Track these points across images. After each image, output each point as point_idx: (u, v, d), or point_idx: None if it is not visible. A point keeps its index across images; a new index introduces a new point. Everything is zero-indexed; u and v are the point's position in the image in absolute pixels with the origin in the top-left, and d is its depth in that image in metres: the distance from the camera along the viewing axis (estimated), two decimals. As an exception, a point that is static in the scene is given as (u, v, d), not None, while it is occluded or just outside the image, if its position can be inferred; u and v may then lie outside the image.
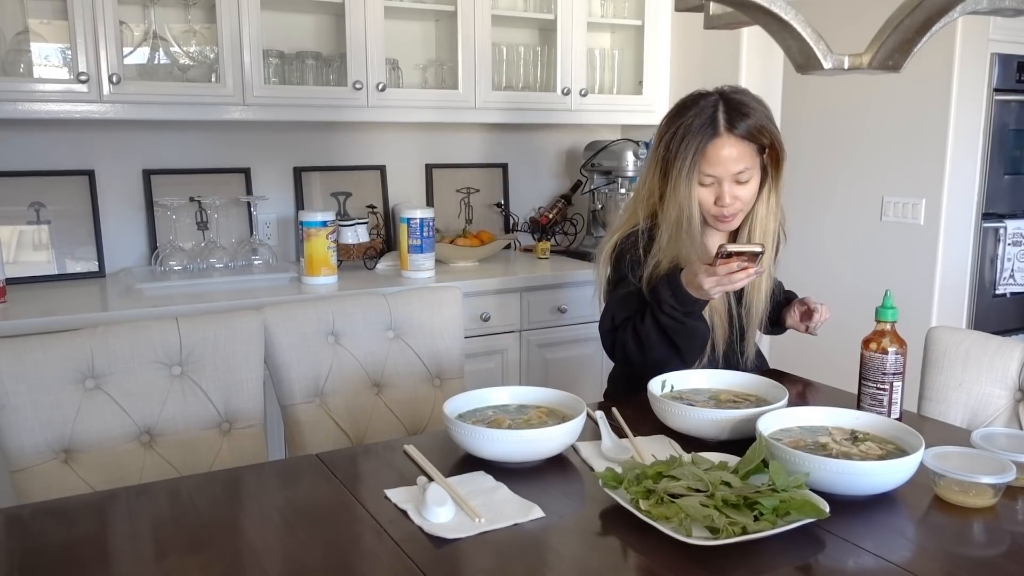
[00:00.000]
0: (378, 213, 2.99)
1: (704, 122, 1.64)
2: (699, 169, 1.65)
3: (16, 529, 1.15)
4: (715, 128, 1.63)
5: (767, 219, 1.75)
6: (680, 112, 1.68)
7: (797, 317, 1.83)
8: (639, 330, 1.67)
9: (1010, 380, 1.65)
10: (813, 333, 1.84)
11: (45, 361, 1.49)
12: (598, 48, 3.25)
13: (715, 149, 1.63)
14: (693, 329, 1.63)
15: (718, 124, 1.63)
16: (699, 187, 1.67)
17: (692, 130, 1.64)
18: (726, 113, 1.64)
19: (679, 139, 1.65)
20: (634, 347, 1.68)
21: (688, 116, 1.66)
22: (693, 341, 1.65)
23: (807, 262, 3.11)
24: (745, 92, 1.69)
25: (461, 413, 1.42)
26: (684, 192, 1.65)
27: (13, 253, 2.48)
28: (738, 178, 1.66)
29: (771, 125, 1.68)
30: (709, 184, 1.67)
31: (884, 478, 1.18)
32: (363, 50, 2.63)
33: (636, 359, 1.69)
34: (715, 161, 1.64)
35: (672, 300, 1.60)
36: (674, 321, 1.61)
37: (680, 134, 1.65)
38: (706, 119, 1.64)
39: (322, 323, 1.78)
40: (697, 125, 1.64)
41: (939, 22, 1.13)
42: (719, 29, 1.37)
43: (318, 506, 1.21)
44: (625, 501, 1.12)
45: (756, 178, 1.69)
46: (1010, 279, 2.86)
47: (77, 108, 2.30)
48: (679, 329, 1.62)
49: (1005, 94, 2.73)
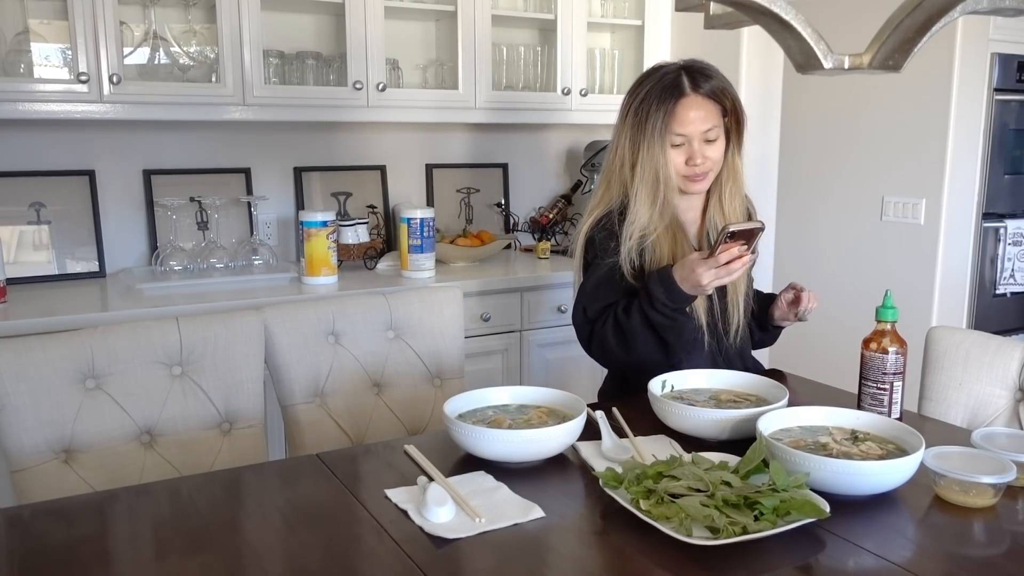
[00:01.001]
0: (378, 213, 2.99)
1: (668, 85, 1.67)
2: (670, 130, 1.67)
3: (16, 529, 1.15)
4: (681, 89, 1.67)
5: (734, 183, 1.77)
6: (642, 82, 1.72)
7: (785, 306, 1.80)
8: (623, 326, 1.65)
9: (1010, 380, 1.65)
10: (803, 319, 1.81)
11: (45, 361, 1.49)
12: (598, 48, 3.25)
13: (683, 109, 1.66)
14: (683, 325, 1.64)
15: (683, 85, 1.67)
16: (671, 149, 1.69)
17: (658, 94, 1.67)
18: (689, 76, 1.68)
19: (647, 105, 1.68)
20: (615, 343, 1.67)
21: (651, 82, 1.70)
22: (681, 337, 1.66)
23: (807, 262, 3.11)
24: (704, 61, 1.73)
25: (461, 413, 1.42)
26: (658, 154, 1.67)
27: (13, 253, 2.48)
28: (707, 136, 1.68)
29: (731, 88, 1.72)
30: (679, 144, 1.69)
31: (884, 478, 1.18)
32: (363, 50, 2.63)
33: (617, 356, 1.69)
34: (685, 121, 1.66)
35: (665, 298, 1.60)
36: (665, 318, 1.61)
37: (647, 100, 1.68)
38: (670, 83, 1.68)
39: (322, 323, 1.78)
40: (661, 88, 1.67)
41: (939, 22, 1.13)
42: (719, 29, 1.37)
43: (318, 506, 1.21)
44: (625, 501, 1.12)
45: (722, 139, 1.72)
46: (1010, 279, 2.86)
47: (77, 108, 2.30)
48: (670, 326, 1.62)
49: (1005, 94, 2.73)
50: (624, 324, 1.65)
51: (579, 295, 1.76)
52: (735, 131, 1.74)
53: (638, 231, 1.69)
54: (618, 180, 1.75)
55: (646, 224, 1.69)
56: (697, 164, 1.69)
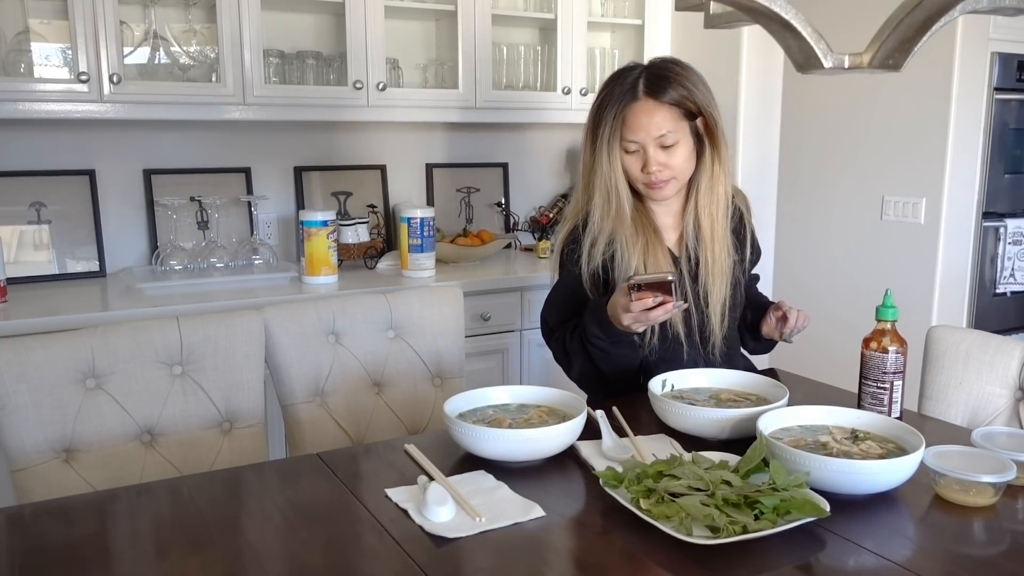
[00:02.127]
0: (378, 212, 2.99)
1: (624, 89, 1.64)
2: (621, 135, 1.64)
3: (17, 529, 1.15)
4: (634, 93, 1.63)
5: (712, 189, 1.71)
6: (604, 86, 1.69)
7: (772, 323, 1.75)
8: (567, 346, 1.70)
9: (1010, 379, 1.65)
10: (788, 340, 1.77)
11: (46, 361, 1.49)
12: (598, 47, 3.25)
13: (633, 114, 1.62)
14: (620, 357, 1.66)
15: (637, 89, 1.63)
16: (624, 155, 1.66)
17: (613, 98, 1.64)
18: (646, 80, 1.63)
19: (602, 110, 1.66)
20: (561, 358, 1.74)
21: (609, 87, 1.67)
22: (618, 367, 1.68)
23: (808, 261, 3.11)
24: (672, 60, 1.69)
25: (461, 412, 1.42)
26: (607, 161, 1.65)
27: (14, 253, 2.48)
28: (662, 142, 1.63)
29: (697, 91, 1.64)
30: (634, 151, 1.65)
31: (884, 477, 1.18)
32: (363, 50, 2.63)
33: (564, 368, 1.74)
34: (635, 126, 1.62)
35: (598, 331, 1.62)
36: (599, 351, 1.64)
37: (603, 105, 1.66)
38: (627, 87, 1.64)
39: (322, 323, 1.78)
40: (618, 93, 1.64)
41: (939, 21, 1.13)
42: (719, 28, 1.37)
43: (319, 505, 1.21)
44: (626, 500, 1.12)
45: (685, 145, 1.65)
46: (1010, 278, 2.86)
47: (78, 108, 2.30)
48: (604, 357, 1.65)
49: (1005, 93, 2.73)
50: (568, 345, 1.70)
51: (544, 306, 1.80)
52: (708, 136, 1.67)
53: (602, 240, 1.67)
54: (583, 189, 1.73)
55: (599, 233, 1.67)
56: (652, 171, 1.64)
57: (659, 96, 1.62)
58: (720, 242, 1.72)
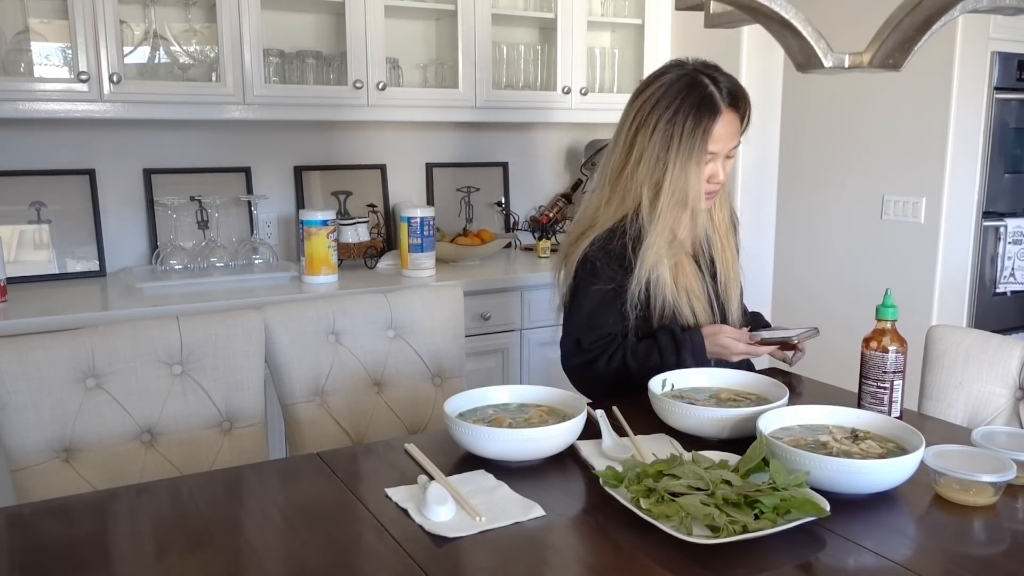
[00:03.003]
0: (378, 212, 2.99)
1: (703, 100, 1.60)
2: (704, 147, 1.61)
3: (17, 528, 1.15)
4: (716, 106, 1.61)
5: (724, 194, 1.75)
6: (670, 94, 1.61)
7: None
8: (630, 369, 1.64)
9: (1010, 379, 1.65)
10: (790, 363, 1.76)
11: (46, 360, 1.49)
12: (598, 47, 3.25)
13: (720, 125, 1.61)
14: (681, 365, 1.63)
15: (717, 102, 1.61)
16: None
17: (694, 109, 1.60)
18: (728, 92, 1.63)
19: (681, 119, 1.59)
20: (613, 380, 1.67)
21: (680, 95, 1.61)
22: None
23: (808, 261, 3.11)
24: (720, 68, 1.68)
25: (462, 412, 1.42)
26: (693, 173, 1.61)
27: (14, 252, 2.48)
28: (731, 153, 1.66)
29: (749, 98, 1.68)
30: (708, 162, 1.64)
31: (884, 477, 1.18)
32: (363, 49, 2.63)
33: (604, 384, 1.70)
34: (718, 137, 1.62)
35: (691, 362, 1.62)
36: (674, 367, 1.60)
37: (680, 114, 1.59)
38: (705, 98, 1.60)
39: (322, 322, 1.78)
40: (697, 103, 1.60)
41: (939, 21, 1.13)
42: (719, 28, 1.37)
43: (319, 505, 1.21)
44: (626, 500, 1.12)
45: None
46: (1010, 277, 2.86)
47: (78, 107, 2.30)
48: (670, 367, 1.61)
49: (1005, 92, 2.73)
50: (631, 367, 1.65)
51: (572, 325, 1.71)
52: None
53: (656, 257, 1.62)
54: (633, 197, 1.64)
55: (665, 250, 1.64)
56: (719, 181, 1.66)
57: (737, 109, 1.64)
58: (726, 239, 1.76)
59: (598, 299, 1.66)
